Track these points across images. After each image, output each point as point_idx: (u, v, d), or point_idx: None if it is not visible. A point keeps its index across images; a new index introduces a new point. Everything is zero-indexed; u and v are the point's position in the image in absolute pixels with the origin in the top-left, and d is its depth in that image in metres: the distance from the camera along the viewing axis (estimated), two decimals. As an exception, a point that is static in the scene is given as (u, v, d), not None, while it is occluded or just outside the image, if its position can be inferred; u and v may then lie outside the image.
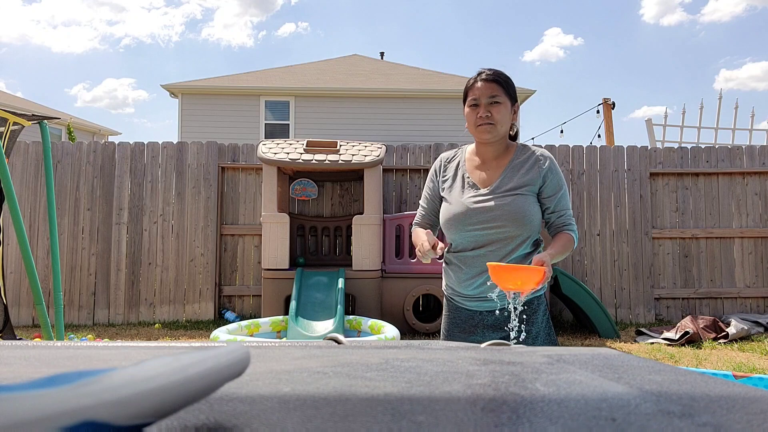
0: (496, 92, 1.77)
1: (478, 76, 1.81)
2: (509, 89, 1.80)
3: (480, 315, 1.85)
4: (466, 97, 1.84)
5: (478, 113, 1.78)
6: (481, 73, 1.81)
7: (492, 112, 1.77)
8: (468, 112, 1.82)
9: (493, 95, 1.77)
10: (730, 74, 47.01)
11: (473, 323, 1.86)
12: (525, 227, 1.77)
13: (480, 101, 1.78)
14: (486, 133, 1.78)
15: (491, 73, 1.80)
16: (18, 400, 0.28)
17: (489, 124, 1.77)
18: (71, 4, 55.71)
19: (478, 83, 1.79)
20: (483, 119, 1.77)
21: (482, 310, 1.84)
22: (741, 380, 2.47)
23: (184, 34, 58.72)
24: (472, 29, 67.60)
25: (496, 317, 1.81)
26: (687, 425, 0.38)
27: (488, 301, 1.81)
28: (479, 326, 1.85)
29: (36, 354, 0.73)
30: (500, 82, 1.78)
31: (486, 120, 1.77)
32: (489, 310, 1.82)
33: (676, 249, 6.49)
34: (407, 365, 0.63)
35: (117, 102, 42.73)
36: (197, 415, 0.39)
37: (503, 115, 1.78)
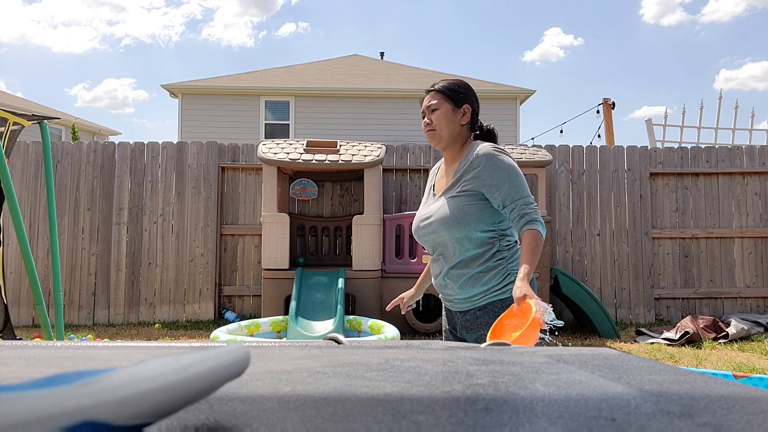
0: (432, 100, 1.90)
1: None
2: (450, 94, 1.88)
3: (453, 315, 1.94)
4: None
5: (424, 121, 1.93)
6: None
7: (432, 119, 1.89)
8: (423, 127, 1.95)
9: (429, 104, 1.90)
10: (730, 74, 47.01)
11: (453, 322, 1.94)
12: (456, 229, 1.77)
13: (425, 111, 1.93)
14: (431, 139, 1.91)
15: (435, 83, 1.93)
16: (18, 400, 0.28)
17: (431, 131, 1.90)
18: (71, 4, 55.74)
19: (424, 96, 1.94)
20: (425, 126, 1.91)
21: (455, 311, 1.92)
22: (741, 380, 2.47)
23: (185, 34, 58.75)
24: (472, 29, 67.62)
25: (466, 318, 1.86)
26: (687, 425, 0.39)
27: (454, 303, 1.89)
28: (458, 324, 1.92)
29: (36, 354, 0.73)
30: (439, 90, 1.89)
31: (427, 127, 1.91)
32: (459, 311, 1.89)
33: (676, 249, 6.49)
34: (407, 365, 0.63)
35: (117, 102, 42.75)
36: (197, 415, 0.39)
37: (441, 120, 1.87)
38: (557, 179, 6.50)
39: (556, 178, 6.49)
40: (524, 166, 5.61)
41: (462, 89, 1.91)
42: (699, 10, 53.69)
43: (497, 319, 1.62)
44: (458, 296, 1.85)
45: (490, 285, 1.79)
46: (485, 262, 1.79)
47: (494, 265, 1.79)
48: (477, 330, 1.82)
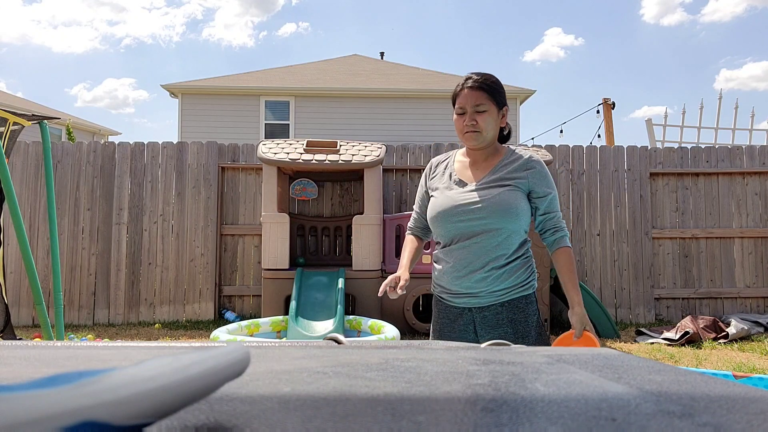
0: (481, 100, 1.79)
1: (465, 82, 1.83)
2: (496, 95, 1.81)
3: (469, 312, 1.85)
4: (454, 103, 1.86)
5: (464, 121, 1.81)
6: (468, 79, 1.83)
7: (477, 120, 1.79)
8: (455, 119, 1.85)
9: (478, 104, 1.79)
10: (730, 74, 47.01)
11: (463, 321, 1.86)
12: (510, 220, 1.78)
13: (466, 109, 1.80)
14: (472, 140, 1.82)
15: (478, 79, 1.81)
16: (18, 400, 0.28)
17: (474, 132, 1.80)
18: (72, 5, 55.73)
19: (465, 90, 1.81)
20: (469, 127, 1.80)
21: (471, 307, 1.84)
22: (741, 380, 2.47)
23: (185, 34, 58.74)
24: (472, 29, 67.60)
25: (484, 315, 1.82)
26: (687, 425, 0.39)
27: (477, 297, 1.82)
28: (470, 324, 1.85)
29: (36, 354, 0.73)
30: (486, 89, 1.79)
31: (471, 128, 1.80)
32: (478, 306, 1.83)
33: (676, 249, 6.49)
34: (407, 365, 0.63)
35: (117, 102, 42.74)
36: (197, 415, 0.39)
37: (488, 122, 1.80)
38: (557, 179, 6.50)
39: (556, 178, 6.49)
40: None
41: (502, 88, 1.85)
42: (699, 10, 53.66)
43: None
44: (483, 290, 1.80)
45: (519, 280, 1.82)
46: (519, 258, 1.83)
47: (524, 261, 1.84)
48: (499, 327, 1.81)
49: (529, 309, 1.82)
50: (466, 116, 1.81)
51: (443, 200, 1.86)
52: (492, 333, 1.81)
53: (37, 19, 61.89)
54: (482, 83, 1.80)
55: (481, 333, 1.84)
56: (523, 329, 1.80)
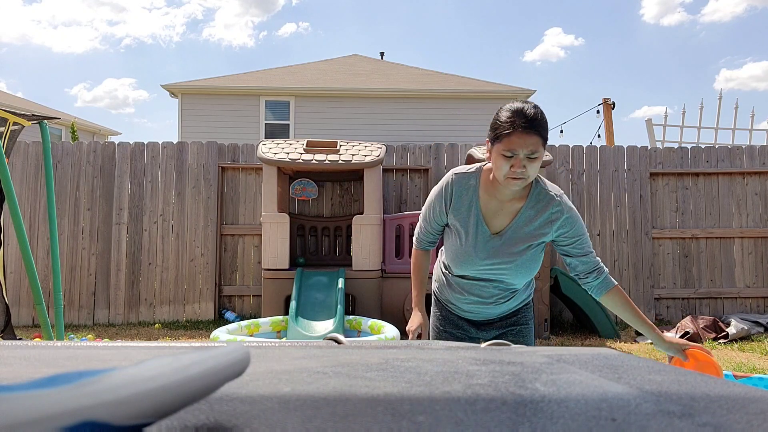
0: (536, 147, 1.56)
1: (515, 120, 1.57)
2: (547, 135, 1.61)
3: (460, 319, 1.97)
4: (496, 138, 1.61)
5: (512, 165, 1.58)
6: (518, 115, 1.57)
7: (528, 167, 1.58)
8: (497, 159, 1.61)
9: (533, 151, 1.56)
10: (730, 74, 47.00)
11: (464, 324, 1.96)
12: (529, 275, 1.84)
13: (518, 154, 1.57)
14: (515, 185, 1.63)
15: (532, 119, 1.56)
16: (18, 400, 0.28)
17: (521, 179, 1.61)
18: (72, 5, 55.72)
19: (518, 132, 1.55)
20: (517, 174, 1.59)
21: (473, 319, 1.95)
22: (741, 380, 2.47)
23: (185, 34, 58.73)
24: (472, 29, 67.59)
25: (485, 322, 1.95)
26: (687, 425, 0.38)
27: (480, 315, 1.91)
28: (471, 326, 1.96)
29: (36, 354, 0.73)
30: (541, 131, 1.58)
31: (520, 175, 1.59)
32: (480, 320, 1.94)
33: (676, 249, 6.49)
34: (407, 365, 0.63)
35: (117, 102, 42.75)
36: (197, 415, 0.39)
37: (536, 168, 1.62)
38: (557, 179, 6.50)
39: (556, 178, 6.49)
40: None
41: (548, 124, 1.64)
42: (699, 10, 53.67)
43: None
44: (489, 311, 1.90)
45: (522, 297, 1.92)
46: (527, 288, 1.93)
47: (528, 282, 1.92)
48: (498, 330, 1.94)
49: (528, 313, 1.96)
50: (514, 160, 1.57)
51: (468, 247, 1.76)
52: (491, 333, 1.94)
53: (37, 19, 61.89)
54: (538, 127, 1.57)
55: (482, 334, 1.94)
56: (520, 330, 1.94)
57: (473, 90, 12.65)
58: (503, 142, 1.58)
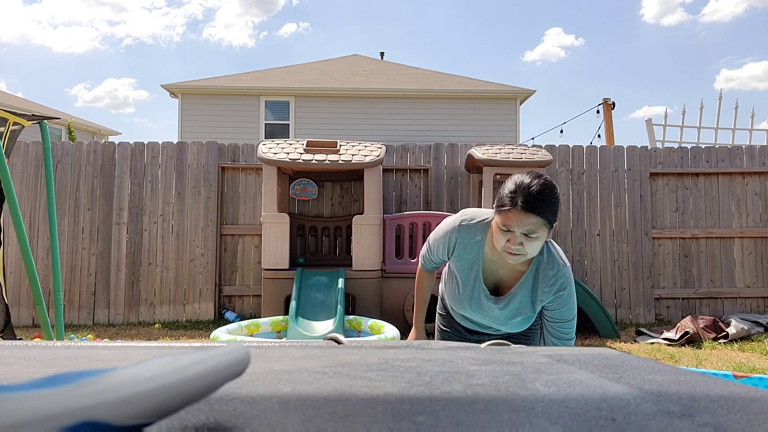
0: (534, 228, 1.50)
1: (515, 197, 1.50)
2: (551, 216, 1.51)
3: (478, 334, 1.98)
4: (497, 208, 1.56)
5: (509, 240, 1.53)
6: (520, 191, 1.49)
7: (525, 245, 1.53)
8: (497, 232, 1.56)
9: (530, 231, 1.50)
10: (730, 74, 47.01)
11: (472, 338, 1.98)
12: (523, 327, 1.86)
13: (513, 229, 1.51)
14: (511, 260, 1.59)
15: (535, 200, 1.48)
16: (18, 400, 0.28)
17: (518, 255, 1.56)
18: (72, 5, 55.72)
19: (515, 210, 1.49)
20: (513, 251, 1.55)
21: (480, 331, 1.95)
22: (741, 380, 2.47)
23: (186, 34, 58.73)
24: (472, 29, 67.59)
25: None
26: (687, 425, 0.38)
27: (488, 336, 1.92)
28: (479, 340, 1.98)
29: (36, 354, 0.73)
30: (542, 212, 1.49)
31: (516, 251, 1.54)
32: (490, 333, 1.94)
33: (676, 249, 6.49)
34: (407, 365, 0.63)
35: (117, 102, 42.76)
36: (197, 415, 0.39)
37: (536, 247, 1.55)
38: (557, 179, 6.50)
39: (556, 178, 6.49)
40: (524, 167, 5.61)
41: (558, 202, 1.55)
42: (699, 11, 53.66)
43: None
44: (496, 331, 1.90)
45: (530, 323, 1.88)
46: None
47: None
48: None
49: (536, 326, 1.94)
50: (511, 235, 1.52)
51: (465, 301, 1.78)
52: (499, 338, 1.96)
53: (38, 19, 61.88)
54: (540, 206, 1.48)
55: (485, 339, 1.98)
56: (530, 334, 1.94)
57: (473, 90, 12.64)
58: (501, 215, 1.53)
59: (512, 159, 5.52)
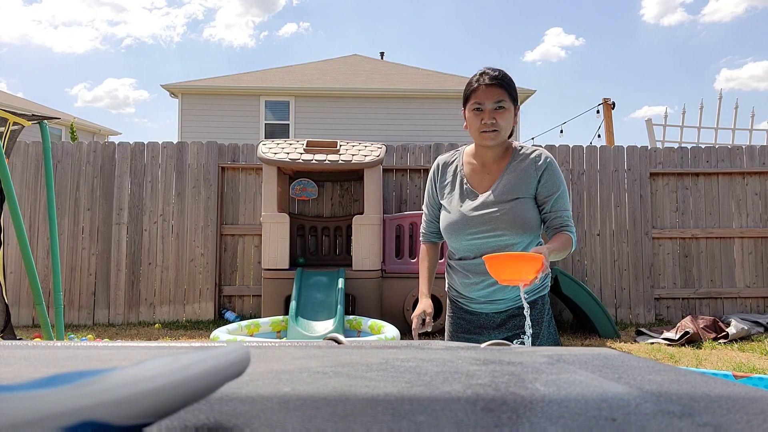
0: (502, 97, 1.69)
1: (481, 77, 1.71)
2: (513, 92, 1.73)
3: (486, 316, 1.85)
4: (467, 99, 1.75)
5: (483, 119, 1.71)
6: (484, 74, 1.71)
7: (497, 119, 1.70)
8: (470, 117, 1.75)
9: (498, 101, 1.69)
10: (731, 74, 47.02)
11: (478, 324, 1.86)
12: (525, 233, 1.74)
13: (485, 107, 1.70)
14: (489, 140, 1.73)
15: (496, 75, 1.70)
16: (18, 400, 0.28)
17: (493, 131, 1.71)
18: (72, 5, 55.73)
19: (483, 86, 1.70)
20: (488, 126, 1.71)
21: (489, 312, 1.84)
22: (741, 380, 2.47)
23: (186, 34, 58.76)
24: (472, 29, 67.63)
25: (503, 318, 1.83)
26: (687, 425, 0.38)
27: (495, 303, 1.82)
28: (485, 327, 1.86)
29: (36, 354, 0.73)
30: (505, 85, 1.70)
31: (491, 127, 1.71)
32: (496, 311, 1.83)
33: (676, 249, 6.49)
34: (407, 365, 0.63)
35: (118, 102, 42.78)
36: (197, 415, 0.39)
37: (508, 121, 1.72)
38: (557, 179, 6.49)
39: (556, 178, 6.49)
40: (524, 166, 5.61)
41: (515, 86, 1.76)
42: (700, 11, 53.67)
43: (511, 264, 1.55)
44: (502, 298, 1.80)
45: (536, 284, 1.79)
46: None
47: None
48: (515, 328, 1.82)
49: (544, 308, 1.83)
50: (484, 114, 1.71)
51: (455, 215, 1.79)
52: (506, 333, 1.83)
53: (38, 19, 61.91)
54: (502, 80, 1.70)
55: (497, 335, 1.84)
56: (537, 329, 1.80)
57: (473, 90, 12.63)
58: (472, 98, 1.73)
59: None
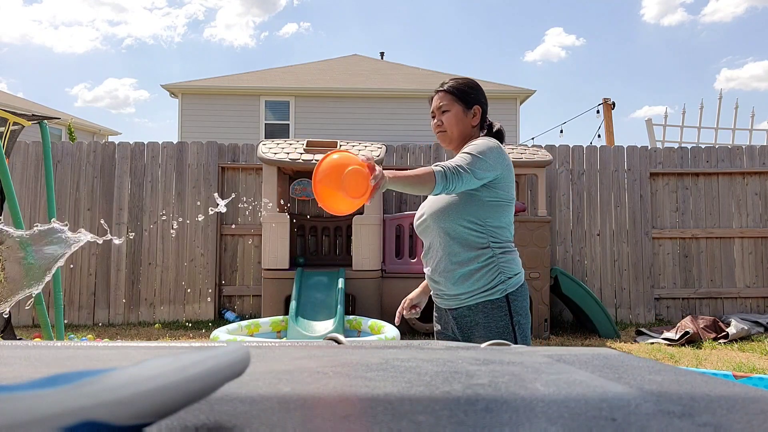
0: (443, 101, 1.91)
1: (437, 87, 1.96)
2: (461, 95, 1.89)
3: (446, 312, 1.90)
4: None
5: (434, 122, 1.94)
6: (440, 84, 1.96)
7: (442, 120, 1.90)
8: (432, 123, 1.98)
9: (440, 105, 1.91)
10: (731, 74, 46.97)
11: (446, 319, 1.91)
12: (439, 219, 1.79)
13: (435, 112, 1.93)
14: (441, 140, 1.93)
15: (445, 82, 1.94)
16: (18, 400, 0.28)
17: (441, 132, 1.91)
18: (73, 5, 55.72)
19: (433, 95, 1.95)
20: (436, 127, 1.93)
21: (446, 308, 1.90)
22: (741, 380, 2.47)
23: (187, 34, 58.73)
24: (473, 29, 67.64)
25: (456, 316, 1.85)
26: (687, 425, 0.38)
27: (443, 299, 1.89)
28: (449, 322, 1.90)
29: (36, 354, 0.73)
30: (448, 90, 1.90)
31: (438, 128, 1.92)
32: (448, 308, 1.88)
33: (676, 249, 6.49)
34: (407, 365, 0.63)
35: (118, 102, 42.75)
36: (197, 415, 0.39)
37: (452, 121, 1.89)
38: (557, 179, 6.50)
39: (556, 178, 6.49)
40: (524, 166, 5.61)
41: (472, 90, 1.93)
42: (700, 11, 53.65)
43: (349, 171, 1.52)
44: (448, 292, 1.85)
45: (478, 285, 1.77)
46: (473, 261, 1.78)
47: (483, 266, 1.77)
48: (468, 330, 1.82)
49: (496, 314, 1.77)
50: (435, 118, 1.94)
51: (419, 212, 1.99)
52: (466, 334, 1.83)
53: (38, 20, 61.92)
54: (448, 86, 1.91)
55: (458, 333, 1.87)
56: (495, 334, 1.77)
57: (473, 90, 12.63)
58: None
59: (512, 159, 5.52)
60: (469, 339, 1.82)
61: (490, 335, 1.77)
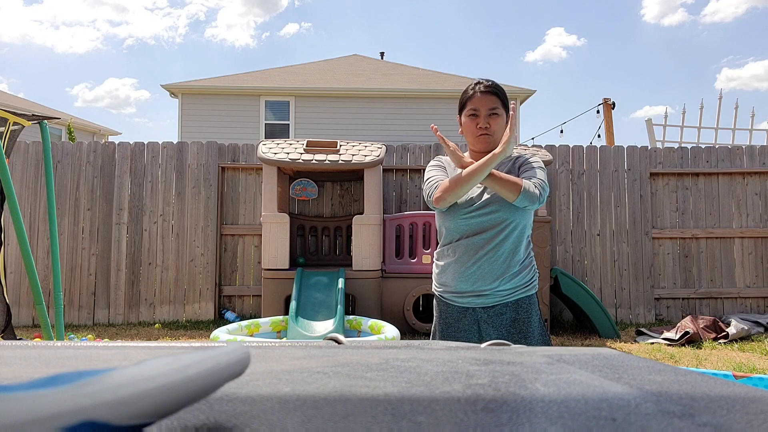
0: (495, 104, 1.86)
1: (477, 86, 1.89)
2: (505, 100, 1.90)
3: (473, 312, 1.86)
4: (463, 105, 1.91)
5: (478, 123, 1.86)
6: (479, 83, 1.89)
7: (491, 124, 1.85)
8: (466, 122, 1.90)
9: (492, 107, 1.85)
10: (732, 73, 46.99)
11: (467, 321, 1.87)
12: (520, 213, 1.82)
13: (480, 112, 1.86)
14: (484, 143, 1.87)
15: (490, 85, 1.88)
16: (18, 400, 0.28)
17: (487, 135, 1.86)
18: (73, 5, 55.71)
19: (478, 94, 1.87)
20: (482, 130, 1.85)
21: (475, 307, 1.85)
22: (741, 380, 2.47)
23: (188, 34, 58.77)
24: (473, 29, 67.65)
25: (489, 314, 1.84)
26: (687, 425, 0.38)
27: (482, 297, 1.83)
28: (474, 323, 1.87)
29: (36, 354, 0.73)
30: (499, 94, 1.87)
31: (485, 131, 1.85)
32: (483, 306, 1.84)
33: (676, 249, 6.49)
34: (407, 365, 0.63)
35: (118, 102, 42.78)
36: (197, 415, 0.39)
37: (500, 126, 1.87)
38: (557, 179, 6.50)
39: (556, 178, 6.49)
40: (524, 166, 5.60)
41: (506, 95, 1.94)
42: (700, 11, 53.66)
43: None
44: (489, 288, 1.81)
45: (524, 281, 1.86)
46: (525, 259, 1.87)
47: (529, 261, 1.89)
48: (503, 327, 1.83)
49: (531, 309, 1.86)
50: (479, 119, 1.86)
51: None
52: (496, 332, 1.83)
53: (39, 20, 61.91)
54: (495, 89, 1.88)
55: (486, 332, 1.85)
56: (526, 329, 1.82)
57: (473, 90, 12.63)
58: (468, 104, 1.89)
59: (512, 159, 5.52)
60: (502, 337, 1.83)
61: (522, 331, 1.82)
